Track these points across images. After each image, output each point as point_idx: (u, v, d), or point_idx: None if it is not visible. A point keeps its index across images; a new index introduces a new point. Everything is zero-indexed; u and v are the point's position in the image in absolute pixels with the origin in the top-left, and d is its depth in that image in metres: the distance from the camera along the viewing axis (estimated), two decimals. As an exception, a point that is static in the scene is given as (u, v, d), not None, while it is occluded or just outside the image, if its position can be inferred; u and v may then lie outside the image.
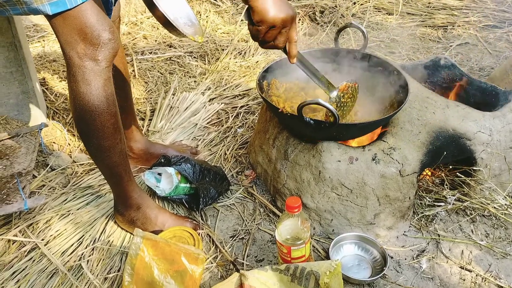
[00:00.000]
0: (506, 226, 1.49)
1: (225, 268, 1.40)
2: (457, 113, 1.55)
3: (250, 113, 2.15)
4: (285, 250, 1.28)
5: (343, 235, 1.44)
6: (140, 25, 2.99)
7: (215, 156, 1.88)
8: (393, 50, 2.66)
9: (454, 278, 1.34)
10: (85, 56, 1.17)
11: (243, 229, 1.54)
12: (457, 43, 2.67)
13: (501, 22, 2.83)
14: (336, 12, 3.01)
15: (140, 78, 2.45)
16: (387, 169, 1.41)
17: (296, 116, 1.33)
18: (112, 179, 1.41)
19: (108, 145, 1.29)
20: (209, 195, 1.58)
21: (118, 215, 1.49)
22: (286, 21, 1.12)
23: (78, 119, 1.25)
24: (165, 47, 2.75)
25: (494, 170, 1.55)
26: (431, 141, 1.48)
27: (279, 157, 1.57)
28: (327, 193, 1.45)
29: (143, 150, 1.76)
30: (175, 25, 1.25)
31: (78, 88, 1.20)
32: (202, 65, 2.56)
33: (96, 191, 1.68)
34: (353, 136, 1.49)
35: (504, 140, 1.54)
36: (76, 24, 1.14)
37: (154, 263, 1.26)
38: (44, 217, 1.57)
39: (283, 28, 1.14)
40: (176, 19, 1.24)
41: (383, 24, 2.94)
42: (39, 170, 1.79)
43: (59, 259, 1.43)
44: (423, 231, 1.50)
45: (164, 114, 2.13)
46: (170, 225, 1.47)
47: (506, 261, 1.39)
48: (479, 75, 2.38)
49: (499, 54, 2.56)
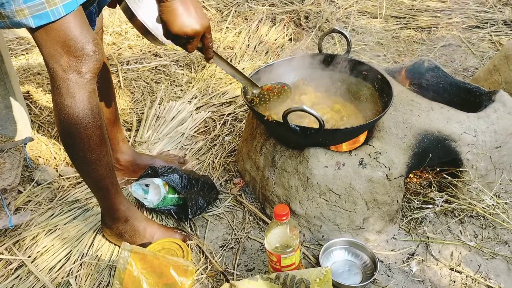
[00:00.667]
0: (494, 226, 1.50)
1: (216, 279, 1.39)
2: (441, 115, 1.56)
3: (237, 120, 2.14)
4: (275, 259, 1.27)
5: (332, 241, 1.44)
6: (125, 35, 2.97)
7: (203, 165, 1.87)
8: (378, 54, 2.68)
9: (444, 280, 1.35)
10: (69, 68, 1.16)
11: (233, 238, 1.53)
12: (441, 45, 2.70)
13: (483, 23, 2.87)
14: (321, 17, 3.02)
15: (126, 88, 2.43)
16: (374, 173, 1.42)
17: (281, 123, 1.33)
18: (99, 192, 1.39)
19: (94, 158, 1.28)
20: (198, 205, 1.57)
21: (106, 229, 1.48)
22: (193, 35, 1.18)
23: (63, 132, 1.24)
24: (151, 57, 2.74)
25: (480, 171, 1.56)
26: (416, 144, 1.49)
27: (266, 164, 1.57)
28: (315, 199, 1.45)
29: (130, 161, 1.75)
30: (154, 33, 1.25)
31: (62, 101, 1.19)
32: (188, 74, 2.56)
33: (83, 204, 1.66)
34: (339, 141, 1.49)
35: (489, 141, 1.56)
36: (59, 36, 1.13)
37: (143, 276, 1.24)
38: (30, 233, 1.54)
39: (191, 39, 1.19)
40: (156, 28, 1.23)
41: (368, 27, 2.96)
42: (25, 186, 1.76)
43: (46, 276, 1.41)
44: (412, 234, 1.50)
45: (151, 124, 2.11)
46: (158, 237, 1.45)
47: (495, 261, 1.39)
48: (463, 76, 2.40)
49: (483, 55, 2.59)
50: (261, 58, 2.65)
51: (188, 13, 1.14)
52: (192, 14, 1.15)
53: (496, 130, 1.56)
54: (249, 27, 2.96)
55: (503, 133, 1.58)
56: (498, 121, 1.57)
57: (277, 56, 2.67)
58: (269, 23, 3.00)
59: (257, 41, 2.82)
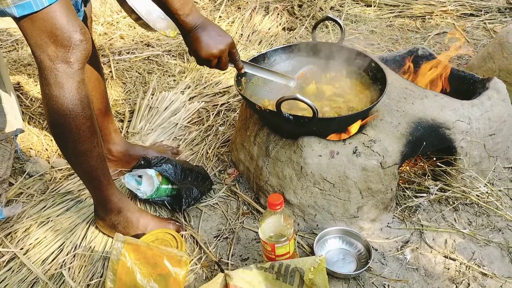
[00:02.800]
0: (488, 214, 1.50)
1: (210, 269, 1.39)
2: (435, 102, 1.55)
3: (231, 110, 2.13)
4: (269, 248, 1.27)
5: (327, 230, 1.43)
6: (116, 25, 2.94)
7: (196, 155, 1.86)
8: (372, 42, 2.66)
9: (439, 267, 1.35)
10: (57, 58, 1.14)
11: (227, 228, 1.52)
12: (435, 33, 2.69)
13: (477, 11, 2.85)
14: (314, 5, 2.99)
15: (118, 79, 2.41)
16: (368, 161, 1.41)
17: (275, 112, 1.32)
18: (91, 183, 1.38)
19: (84, 149, 1.26)
20: (192, 196, 1.56)
21: (99, 220, 1.46)
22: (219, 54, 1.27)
23: (52, 123, 1.22)
24: (143, 47, 2.71)
25: (474, 158, 1.56)
26: (410, 132, 1.48)
27: (260, 154, 1.56)
28: (309, 188, 1.44)
29: (123, 152, 1.73)
30: (144, 19, 1.23)
31: (51, 91, 1.17)
32: (181, 64, 2.53)
33: (76, 196, 1.65)
34: (333, 131, 1.48)
35: (483, 128, 1.55)
36: (46, 26, 1.11)
37: (137, 267, 1.24)
38: (22, 225, 1.53)
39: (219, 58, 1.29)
40: (149, 13, 1.22)
41: (362, 16, 2.94)
42: (16, 178, 1.74)
43: (39, 268, 1.40)
44: (407, 222, 1.50)
45: (144, 115, 2.09)
46: (152, 228, 1.44)
47: (489, 248, 1.40)
48: (457, 64, 2.40)
49: (477, 43, 2.58)
50: (255, 48, 2.63)
51: (210, 37, 1.24)
52: (214, 37, 1.25)
53: (490, 117, 1.56)
54: (242, 16, 2.93)
55: (497, 121, 1.57)
56: (492, 109, 1.57)
57: (270, 46, 2.65)
58: (262, 12, 2.98)
59: (250, 30, 2.80)
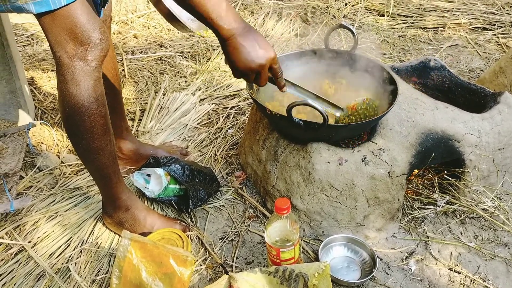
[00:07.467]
0: (495, 228, 1.50)
1: (214, 271, 1.39)
2: (446, 114, 1.55)
3: (241, 113, 2.14)
4: (274, 252, 1.27)
5: (332, 237, 1.44)
6: (130, 24, 2.96)
7: (205, 157, 1.87)
8: (383, 52, 2.67)
9: (443, 279, 1.35)
10: (75, 56, 1.16)
11: (233, 230, 1.53)
12: (447, 45, 2.69)
13: (490, 24, 2.85)
14: (328, 13, 3.01)
15: (130, 78, 2.43)
16: (376, 170, 1.42)
17: (285, 117, 1.33)
18: (100, 180, 1.39)
19: (97, 147, 1.28)
20: (199, 197, 1.57)
21: (107, 217, 1.48)
22: (258, 69, 1.17)
23: (67, 120, 1.24)
24: (156, 47, 2.73)
25: (482, 172, 1.56)
26: (420, 143, 1.48)
27: (269, 158, 1.57)
28: (316, 195, 1.45)
29: (133, 151, 1.75)
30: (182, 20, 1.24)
31: (67, 88, 1.19)
32: (193, 65, 2.55)
33: (85, 192, 1.66)
34: (343, 138, 1.49)
35: (492, 142, 1.55)
36: (66, 23, 1.13)
37: (142, 265, 1.25)
38: (31, 218, 1.55)
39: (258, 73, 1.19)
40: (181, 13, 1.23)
41: (374, 25, 2.95)
42: (27, 171, 1.76)
43: (46, 261, 1.41)
44: (413, 233, 1.50)
45: (154, 115, 2.11)
46: (159, 227, 1.45)
47: (494, 262, 1.39)
48: (468, 77, 2.39)
49: (489, 56, 2.58)
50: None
51: (249, 48, 1.14)
52: (254, 49, 1.15)
53: (500, 131, 1.56)
54: (255, 21, 2.95)
55: (507, 135, 1.57)
56: (502, 123, 1.57)
57: (282, 51, 2.67)
58: (275, 17, 2.99)
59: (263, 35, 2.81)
